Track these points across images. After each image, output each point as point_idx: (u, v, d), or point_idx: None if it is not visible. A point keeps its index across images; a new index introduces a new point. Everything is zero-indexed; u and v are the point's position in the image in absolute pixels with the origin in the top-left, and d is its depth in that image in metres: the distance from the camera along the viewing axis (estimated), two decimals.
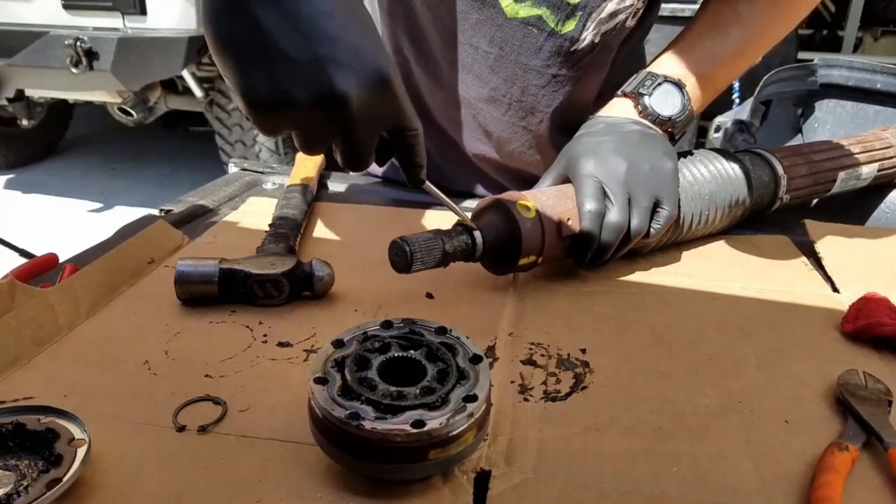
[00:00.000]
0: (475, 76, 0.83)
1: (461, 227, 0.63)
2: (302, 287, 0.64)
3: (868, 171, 0.89)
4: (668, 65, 0.77)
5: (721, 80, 0.79)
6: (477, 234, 0.63)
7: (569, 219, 0.66)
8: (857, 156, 0.88)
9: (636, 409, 0.50)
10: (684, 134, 0.78)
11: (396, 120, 0.52)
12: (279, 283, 0.62)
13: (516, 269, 0.66)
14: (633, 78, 0.77)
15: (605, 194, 0.66)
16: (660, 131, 0.74)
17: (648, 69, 0.77)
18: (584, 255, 0.67)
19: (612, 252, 0.67)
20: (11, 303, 0.55)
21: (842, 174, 0.86)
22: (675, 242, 0.77)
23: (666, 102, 0.74)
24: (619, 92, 0.77)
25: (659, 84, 0.74)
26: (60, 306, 0.58)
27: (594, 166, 0.67)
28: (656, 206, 0.68)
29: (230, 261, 0.63)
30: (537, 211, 0.65)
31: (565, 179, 0.71)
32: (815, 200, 0.88)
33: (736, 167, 0.77)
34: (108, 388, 0.50)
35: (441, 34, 0.82)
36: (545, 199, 0.66)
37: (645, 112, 0.74)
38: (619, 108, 0.76)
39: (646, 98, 0.74)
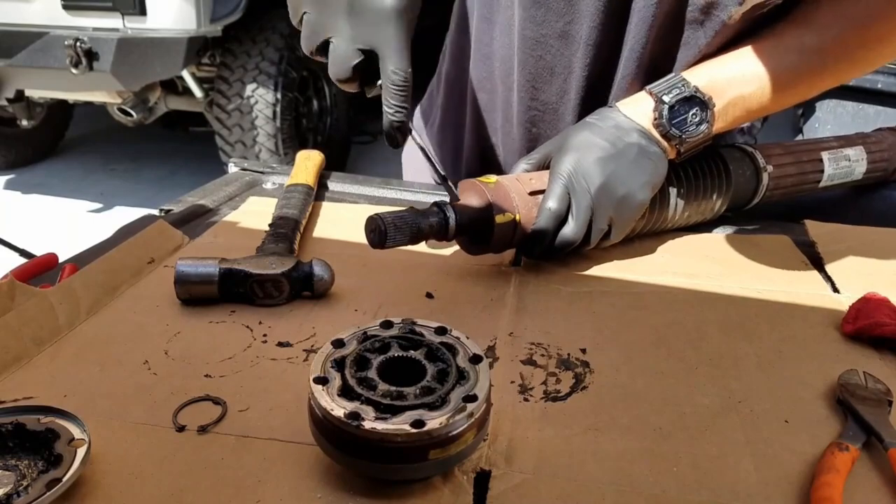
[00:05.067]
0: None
1: (434, 203, 0.65)
2: (302, 287, 0.64)
3: (855, 153, 0.88)
4: (707, 75, 0.72)
5: (757, 106, 0.73)
6: (448, 206, 0.65)
7: (531, 178, 0.70)
8: (833, 142, 0.88)
9: (636, 409, 0.50)
10: (693, 152, 0.73)
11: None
12: (279, 283, 0.62)
13: (498, 241, 0.67)
14: (666, 78, 0.72)
15: (569, 198, 0.68)
16: (665, 145, 0.71)
17: (685, 74, 0.72)
18: (531, 249, 0.69)
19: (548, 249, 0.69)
20: (11, 303, 0.55)
21: (826, 155, 0.86)
22: (656, 230, 0.78)
23: (684, 119, 0.70)
24: (646, 87, 0.72)
25: (685, 97, 0.70)
26: (60, 306, 0.58)
27: (572, 168, 0.68)
28: (609, 226, 0.70)
29: (230, 261, 0.63)
30: (498, 179, 0.69)
31: (549, 160, 0.72)
32: (821, 185, 0.86)
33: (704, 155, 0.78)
34: (108, 388, 0.50)
35: None
36: (506, 174, 0.72)
37: (659, 122, 0.70)
38: (637, 106, 0.72)
39: (665, 108, 0.69)
